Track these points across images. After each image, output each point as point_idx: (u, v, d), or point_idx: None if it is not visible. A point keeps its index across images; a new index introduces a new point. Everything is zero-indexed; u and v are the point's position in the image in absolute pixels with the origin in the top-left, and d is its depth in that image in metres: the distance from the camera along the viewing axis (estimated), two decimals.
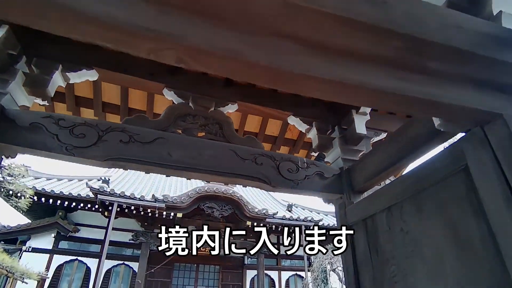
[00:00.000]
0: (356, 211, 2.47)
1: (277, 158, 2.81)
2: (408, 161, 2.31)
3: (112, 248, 14.61)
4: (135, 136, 2.42)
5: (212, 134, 2.81)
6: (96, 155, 2.29)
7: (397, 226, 1.94)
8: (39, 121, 2.23)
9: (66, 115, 2.44)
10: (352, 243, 2.42)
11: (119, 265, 14.65)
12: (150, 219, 12.66)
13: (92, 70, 2.61)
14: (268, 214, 13.15)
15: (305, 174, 2.81)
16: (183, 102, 2.82)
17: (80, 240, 14.46)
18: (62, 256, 13.87)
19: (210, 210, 12.55)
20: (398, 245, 1.92)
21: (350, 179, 2.84)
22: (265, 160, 2.75)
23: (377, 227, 2.15)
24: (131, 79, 2.73)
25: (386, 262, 2.00)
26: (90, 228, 14.62)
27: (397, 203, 1.97)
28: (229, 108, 3.01)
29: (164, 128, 2.65)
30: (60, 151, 2.21)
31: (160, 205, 11.48)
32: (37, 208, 13.70)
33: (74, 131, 2.29)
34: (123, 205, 11.38)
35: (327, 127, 3.18)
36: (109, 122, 2.45)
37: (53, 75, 2.45)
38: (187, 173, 2.56)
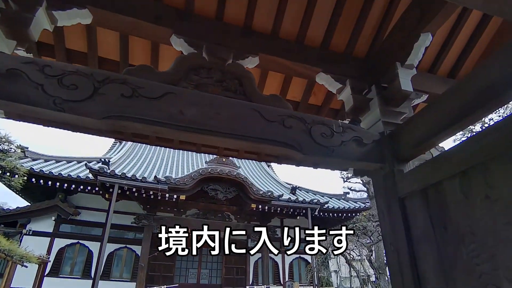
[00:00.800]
0: (410, 180, 2.04)
1: (308, 120, 2.36)
2: (476, 117, 1.88)
3: (114, 231, 14.41)
4: (139, 90, 1.96)
5: (231, 91, 2.35)
6: (92, 112, 1.83)
7: (479, 194, 1.51)
8: (19, 67, 1.77)
9: (53, 61, 1.97)
10: (404, 218, 2.01)
11: (122, 248, 14.46)
12: (152, 201, 12.33)
13: (84, 9, 2.12)
14: (274, 196, 12.82)
15: (341, 139, 2.37)
16: (195, 52, 2.34)
17: (81, 223, 14.21)
18: (63, 239, 13.66)
19: (213, 192, 12.21)
20: (480, 217, 1.50)
21: (393, 145, 2.40)
22: (295, 123, 2.30)
23: (444, 197, 1.72)
24: (132, 23, 2.24)
25: (461, 240, 1.58)
26: (91, 211, 14.35)
27: (478, 164, 1.54)
28: (248, 62, 2.54)
29: (174, 82, 2.18)
30: (46, 105, 1.76)
31: (162, 187, 11.12)
32: (36, 190, 13.40)
33: (64, 81, 1.82)
34: (124, 187, 11.01)
35: (363, 86, 2.72)
36: (106, 72, 1.99)
37: (36, 12, 1.97)
38: (203, 136, 2.11)
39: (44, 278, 12.78)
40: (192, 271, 15.28)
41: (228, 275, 15.60)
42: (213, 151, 3.62)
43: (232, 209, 13.89)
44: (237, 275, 15.69)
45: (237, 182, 12.31)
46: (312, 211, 13.17)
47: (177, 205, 12.95)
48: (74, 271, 13.51)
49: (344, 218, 17.33)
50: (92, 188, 12.95)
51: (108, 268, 13.78)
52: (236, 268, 15.77)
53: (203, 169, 11.88)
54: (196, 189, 12.02)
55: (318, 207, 13.39)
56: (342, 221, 18.16)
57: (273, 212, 13.82)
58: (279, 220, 17.05)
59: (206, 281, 15.70)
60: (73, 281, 13.16)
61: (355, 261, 12.00)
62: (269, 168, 23.00)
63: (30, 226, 13.29)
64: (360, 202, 17.41)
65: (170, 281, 13.88)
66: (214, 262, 15.60)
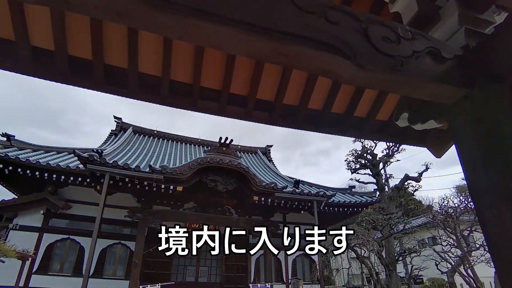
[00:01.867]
0: None
1: (362, 18, 1.54)
2: None
3: (108, 227, 13.58)
4: None
5: None
6: None
7: None
8: None
9: None
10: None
11: (116, 244, 13.64)
12: (147, 193, 11.47)
13: None
14: (277, 188, 11.98)
15: (411, 48, 1.56)
16: None
17: (72, 217, 13.38)
18: (52, 234, 12.83)
19: (213, 183, 11.36)
20: None
21: (485, 61, 1.61)
22: (343, 18, 1.49)
23: None
24: None
25: None
26: (83, 204, 13.50)
27: None
28: None
29: None
30: None
31: (157, 176, 10.27)
32: (24, 182, 12.55)
33: None
34: (116, 176, 10.14)
35: None
36: None
37: None
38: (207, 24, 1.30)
39: (32, 275, 11.96)
40: (190, 269, 14.46)
41: (228, 272, 14.79)
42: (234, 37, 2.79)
43: (233, 202, 13.05)
44: (238, 273, 14.88)
45: (238, 172, 11.46)
46: (318, 204, 12.32)
47: (174, 197, 12.11)
48: (64, 268, 12.67)
49: (349, 213, 16.50)
50: (83, 180, 12.10)
51: (100, 265, 12.95)
52: (237, 266, 14.97)
53: (202, 158, 11.04)
54: (194, 179, 11.17)
55: (324, 200, 12.54)
56: (347, 216, 17.35)
57: (276, 206, 12.97)
58: (282, 216, 16.23)
59: (205, 279, 14.88)
60: (63, 279, 12.31)
61: (364, 258, 11.17)
62: (270, 162, 22.17)
63: (17, 220, 12.45)
64: (367, 196, 16.59)
65: (167, 279, 13.05)
66: (214, 259, 14.77)
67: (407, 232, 14.42)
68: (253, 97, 2.73)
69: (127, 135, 18.04)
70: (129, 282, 11.02)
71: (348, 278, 10.60)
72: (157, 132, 20.76)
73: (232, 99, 2.77)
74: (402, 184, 15.15)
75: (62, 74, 2.36)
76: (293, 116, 2.92)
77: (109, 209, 13.27)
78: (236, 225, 13.51)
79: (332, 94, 2.85)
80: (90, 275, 11.98)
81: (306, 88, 2.78)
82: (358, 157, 15.48)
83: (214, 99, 2.74)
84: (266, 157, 22.77)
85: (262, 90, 2.74)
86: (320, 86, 2.79)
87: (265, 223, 13.78)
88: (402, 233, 14.10)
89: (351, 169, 16.02)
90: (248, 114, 2.84)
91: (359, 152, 15.43)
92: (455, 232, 9.89)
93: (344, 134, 3.26)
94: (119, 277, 12.99)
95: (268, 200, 12.26)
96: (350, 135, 3.37)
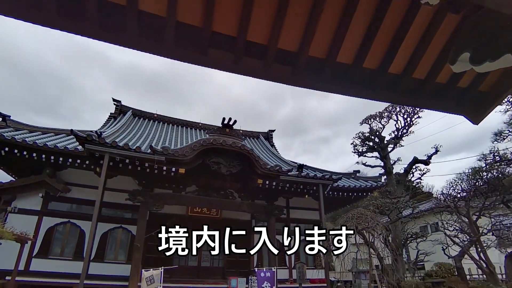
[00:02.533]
0: None
1: None
2: None
3: (109, 211, 13.33)
4: None
5: None
6: None
7: None
8: None
9: None
10: None
11: (117, 228, 13.40)
12: (148, 176, 11.11)
13: None
14: (282, 171, 11.63)
15: None
16: None
17: (72, 201, 13.09)
18: (52, 218, 12.55)
19: (216, 166, 10.99)
20: None
21: None
22: None
23: None
24: None
25: None
26: (83, 188, 13.17)
27: None
28: None
29: None
30: None
31: (159, 158, 9.89)
32: (21, 165, 12.23)
33: None
34: (116, 157, 9.75)
35: None
36: None
37: None
38: None
39: (32, 259, 11.75)
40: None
41: (231, 257, 14.59)
42: None
43: (236, 186, 12.70)
44: (241, 257, 14.69)
45: (242, 154, 11.07)
46: (324, 188, 11.99)
47: (175, 180, 11.76)
48: (65, 252, 12.44)
49: (354, 198, 16.24)
50: (82, 161, 11.73)
51: (102, 249, 12.73)
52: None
53: (205, 140, 10.63)
54: (197, 161, 10.79)
55: (330, 184, 12.21)
56: (352, 201, 17.10)
57: (280, 190, 12.63)
58: (285, 201, 15.95)
59: (207, 264, 14.72)
60: (64, 262, 12.09)
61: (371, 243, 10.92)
62: (273, 148, 21.78)
63: (15, 204, 12.15)
64: (371, 180, 16.28)
65: (169, 263, 12.83)
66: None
67: (416, 216, 14.15)
68: (274, 45, 2.31)
69: (126, 118, 17.59)
70: (131, 266, 10.79)
71: (354, 263, 10.35)
72: (157, 116, 20.27)
73: (248, 49, 2.36)
74: (410, 167, 14.80)
75: (48, 16, 1.95)
76: (319, 72, 2.51)
77: (109, 193, 12.99)
78: (239, 209, 13.23)
79: (366, 44, 2.42)
80: (92, 259, 11.80)
81: (336, 35, 2.36)
82: (365, 140, 15.08)
83: (228, 48, 2.33)
84: (268, 142, 22.37)
85: (285, 37, 2.31)
86: (353, 33, 2.36)
87: (269, 207, 13.51)
88: (410, 217, 13.83)
89: (358, 152, 15.63)
90: (267, 67, 2.43)
91: (367, 135, 15.02)
92: (468, 216, 9.58)
93: (374, 97, 2.85)
94: (120, 261, 12.78)
95: (273, 184, 11.92)
96: (381, 98, 2.96)
